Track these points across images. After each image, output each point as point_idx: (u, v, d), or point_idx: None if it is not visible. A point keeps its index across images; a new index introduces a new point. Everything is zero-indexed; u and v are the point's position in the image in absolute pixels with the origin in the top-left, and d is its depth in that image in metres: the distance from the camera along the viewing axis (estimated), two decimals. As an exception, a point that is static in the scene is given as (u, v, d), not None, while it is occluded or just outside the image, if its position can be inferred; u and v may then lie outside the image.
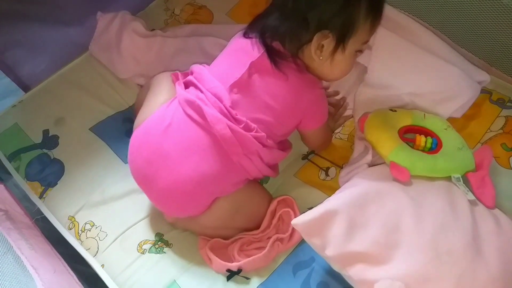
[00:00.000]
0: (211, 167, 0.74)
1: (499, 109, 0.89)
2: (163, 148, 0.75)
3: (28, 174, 0.96)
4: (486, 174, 0.76)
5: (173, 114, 0.77)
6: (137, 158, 0.79)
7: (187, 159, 0.74)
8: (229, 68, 0.78)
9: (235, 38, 0.82)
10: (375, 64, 0.93)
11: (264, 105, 0.76)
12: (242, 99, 0.76)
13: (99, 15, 1.15)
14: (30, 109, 1.06)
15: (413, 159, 0.77)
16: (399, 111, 0.86)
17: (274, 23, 0.75)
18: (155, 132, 0.77)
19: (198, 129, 0.75)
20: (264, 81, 0.76)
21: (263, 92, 0.76)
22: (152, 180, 0.77)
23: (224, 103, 0.74)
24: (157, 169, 0.75)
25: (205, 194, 0.77)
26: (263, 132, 0.76)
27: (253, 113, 0.75)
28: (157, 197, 0.80)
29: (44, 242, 0.87)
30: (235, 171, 0.77)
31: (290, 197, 0.84)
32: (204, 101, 0.75)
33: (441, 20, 0.95)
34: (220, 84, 0.76)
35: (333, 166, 0.90)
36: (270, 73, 0.75)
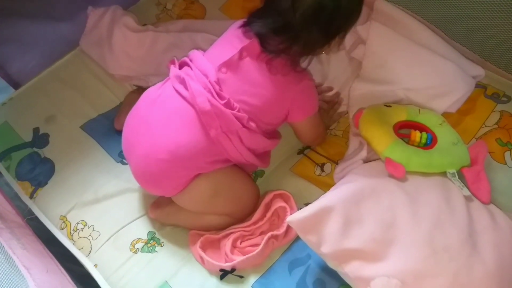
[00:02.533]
0: (186, 137, 0.76)
1: (494, 104, 0.89)
2: (149, 117, 0.78)
3: (18, 173, 0.95)
4: (481, 169, 0.76)
5: (163, 89, 0.81)
6: (126, 130, 0.82)
7: (165, 128, 0.77)
8: (220, 51, 0.80)
9: (230, 28, 0.84)
10: (370, 59, 0.92)
11: (251, 88, 0.76)
12: (230, 79, 0.77)
13: (89, 10, 1.13)
14: (20, 107, 1.05)
15: (408, 154, 0.76)
16: (393, 107, 0.86)
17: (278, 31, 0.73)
18: (144, 104, 0.81)
19: (182, 101, 0.77)
20: (253, 66, 0.76)
21: (251, 76, 0.76)
22: (133, 147, 0.80)
23: (209, 79, 0.76)
24: (140, 136, 0.79)
25: (180, 167, 0.76)
26: (245, 114, 0.76)
27: (238, 95, 0.76)
28: (135, 166, 0.81)
29: (36, 242, 0.86)
30: (213, 148, 0.77)
31: (287, 193, 0.83)
32: (191, 76, 0.78)
33: (436, 14, 0.94)
34: (210, 64, 0.78)
35: (329, 162, 0.90)
36: (260, 59, 0.76)
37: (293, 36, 0.72)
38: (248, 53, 0.77)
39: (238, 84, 0.76)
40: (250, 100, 0.76)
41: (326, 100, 0.97)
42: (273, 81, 0.76)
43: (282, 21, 0.72)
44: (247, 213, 0.84)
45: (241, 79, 0.76)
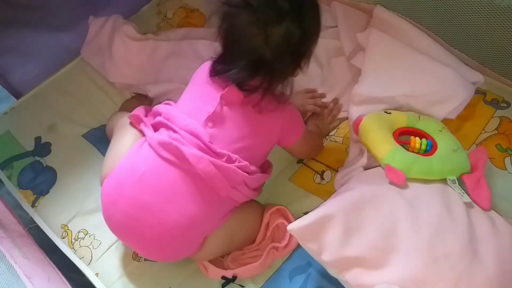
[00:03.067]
0: (198, 207, 0.72)
1: (493, 110, 0.89)
2: (142, 199, 0.71)
3: (20, 182, 0.95)
4: (482, 175, 0.76)
5: (146, 160, 0.73)
6: (114, 214, 0.74)
7: (171, 205, 0.71)
8: (198, 103, 0.76)
9: (196, 77, 0.80)
10: (369, 66, 0.92)
11: (241, 133, 0.74)
12: (219, 132, 0.73)
13: (91, 20, 1.14)
14: (22, 116, 1.05)
15: (408, 161, 0.76)
16: (393, 113, 0.86)
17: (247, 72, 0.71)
18: (129, 183, 0.72)
19: (177, 171, 0.71)
20: (236, 111, 0.74)
21: (238, 121, 0.74)
22: (137, 235, 0.73)
23: (202, 139, 0.72)
24: (141, 222, 0.72)
25: (196, 235, 0.74)
26: (245, 161, 0.74)
27: (231, 144, 0.73)
28: (146, 250, 0.77)
29: (37, 251, 0.86)
30: (223, 204, 0.75)
31: (283, 207, 0.83)
32: (180, 140, 0.71)
33: (435, 21, 0.95)
34: (194, 121, 0.73)
35: (328, 170, 0.90)
36: (240, 102, 0.74)
37: (269, 71, 0.71)
38: (229, 101, 0.74)
39: (228, 134, 0.74)
40: (244, 145, 0.75)
41: (318, 105, 0.97)
42: (260, 119, 0.75)
43: (255, 59, 0.70)
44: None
45: (230, 128, 0.74)
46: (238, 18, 0.69)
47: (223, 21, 0.71)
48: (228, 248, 0.80)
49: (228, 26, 0.70)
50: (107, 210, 0.76)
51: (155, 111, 0.80)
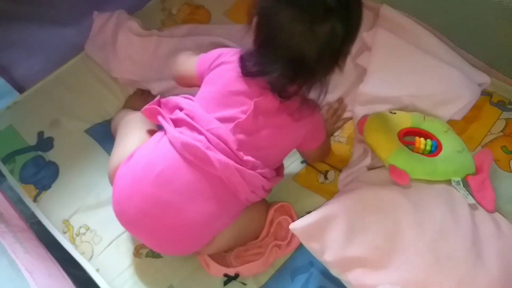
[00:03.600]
0: (215, 207, 0.71)
1: (499, 112, 0.88)
2: (161, 197, 0.70)
3: (22, 176, 0.95)
4: (486, 177, 0.76)
5: (165, 157, 0.71)
6: (129, 209, 0.72)
7: (189, 204, 0.70)
8: (227, 105, 0.72)
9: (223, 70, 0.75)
10: (375, 66, 0.92)
11: (269, 142, 0.73)
12: (247, 139, 0.71)
13: (95, 15, 1.14)
14: (25, 111, 1.05)
15: (413, 162, 0.76)
16: (398, 114, 0.85)
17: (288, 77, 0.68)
18: (147, 180, 0.70)
19: (197, 171, 0.70)
20: (269, 120, 0.71)
21: (268, 130, 0.72)
22: (152, 231, 0.73)
23: (230, 145, 0.69)
24: (158, 219, 0.71)
25: (209, 232, 0.74)
26: (266, 167, 0.74)
27: (257, 151, 0.72)
28: (158, 245, 0.77)
29: (38, 246, 0.86)
30: (238, 204, 0.75)
31: (287, 203, 0.83)
32: (207, 144, 0.69)
33: (441, 21, 0.94)
34: (222, 125, 0.70)
35: (332, 169, 0.89)
36: (274, 110, 0.71)
37: (310, 73, 0.68)
38: (263, 108, 0.70)
39: (257, 142, 0.72)
40: (266, 152, 0.73)
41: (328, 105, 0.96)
42: (291, 127, 0.73)
43: (297, 60, 0.66)
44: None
45: (259, 137, 0.72)
46: (281, 14, 0.64)
47: (262, 16, 0.67)
48: (236, 242, 0.79)
49: (267, 21, 0.67)
50: (120, 204, 0.74)
51: (175, 104, 0.76)
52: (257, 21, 0.68)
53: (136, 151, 0.75)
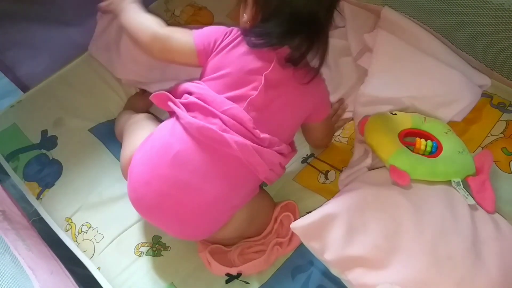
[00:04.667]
0: (236, 186, 0.72)
1: (499, 113, 0.88)
2: (179, 178, 0.69)
3: (26, 174, 0.96)
4: (487, 178, 0.76)
5: (180, 140, 0.71)
6: (148, 194, 0.71)
7: (208, 183, 0.70)
8: (238, 84, 0.72)
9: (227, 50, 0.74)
10: (376, 67, 0.92)
11: (283, 115, 0.74)
12: (262, 116, 0.71)
13: (99, 16, 1.14)
14: (28, 110, 1.06)
15: (413, 163, 0.76)
16: (399, 114, 0.86)
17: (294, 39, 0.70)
18: (163, 162, 0.70)
19: (215, 153, 0.70)
20: (278, 91, 0.72)
21: (281, 102, 0.72)
22: (173, 213, 0.72)
23: (246, 125, 0.69)
24: (178, 200, 0.70)
25: (228, 211, 0.74)
26: (282, 143, 0.74)
27: (272, 126, 0.72)
28: (179, 228, 0.75)
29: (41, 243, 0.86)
30: (255, 184, 0.76)
31: (293, 202, 0.83)
32: (222, 127, 0.69)
33: (442, 23, 0.95)
34: (235, 104, 0.70)
35: (333, 170, 0.90)
36: (283, 81, 0.72)
37: (318, 34, 0.69)
38: (272, 80, 0.71)
39: (271, 117, 0.72)
40: (284, 126, 0.74)
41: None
42: (300, 98, 0.74)
43: (307, 21, 0.67)
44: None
45: (273, 111, 0.72)
46: None
47: None
48: (247, 229, 0.79)
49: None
50: (138, 190, 0.73)
51: (183, 89, 0.75)
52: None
53: (148, 138, 0.75)
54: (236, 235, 0.80)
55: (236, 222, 0.76)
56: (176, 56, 0.78)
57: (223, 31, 0.76)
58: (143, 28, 0.79)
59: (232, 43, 0.74)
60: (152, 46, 0.78)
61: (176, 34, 0.77)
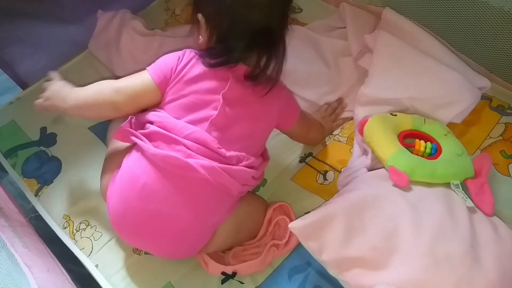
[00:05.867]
0: (210, 206, 0.72)
1: (499, 116, 0.89)
2: (150, 209, 0.69)
3: (25, 171, 0.96)
4: (485, 181, 0.76)
5: (145, 171, 0.70)
6: (125, 227, 0.74)
7: (182, 210, 0.70)
8: (197, 106, 0.71)
9: (185, 74, 0.73)
10: (376, 68, 0.92)
11: (246, 129, 0.73)
12: (225, 134, 0.71)
13: (99, 13, 1.15)
14: (28, 107, 1.05)
15: (413, 164, 0.76)
16: (399, 116, 0.86)
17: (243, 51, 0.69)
18: (132, 195, 0.70)
19: (182, 178, 0.69)
20: (239, 108, 0.71)
21: (242, 117, 0.72)
22: (151, 241, 0.74)
23: (210, 146, 0.69)
24: (152, 229, 0.71)
25: (208, 230, 0.75)
26: (251, 157, 0.73)
27: (238, 142, 0.72)
28: (163, 252, 0.77)
29: (38, 241, 0.86)
30: (230, 197, 0.75)
31: (286, 203, 0.83)
32: (187, 152, 0.68)
33: (442, 26, 0.95)
34: (196, 127, 0.69)
35: (331, 170, 0.89)
36: (241, 97, 0.71)
37: (274, 45, 0.69)
38: (231, 97, 0.70)
39: (235, 133, 0.72)
40: (249, 140, 0.74)
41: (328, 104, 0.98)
42: (261, 107, 0.73)
43: (262, 34, 0.67)
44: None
45: (235, 127, 0.71)
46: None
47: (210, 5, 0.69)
48: (236, 239, 0.79)
49: (219, 7, 0.67)
50: (116, 223, 0.75)
51: (144, 118, 0.74)
52: (211, 12, 0.69)
53: (120, 168, 0.74)
54: (226, 246, 0.80)
55: (221, 236, 0.76)
56: (142, 98, 0.75)
57: (176, 57, 0.75)
58: (100, 93, 0.75)
59: (187, 66, 0.73)
60: (118, 102, 0.74)
61: (132, 78, 0.75)
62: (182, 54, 0.75)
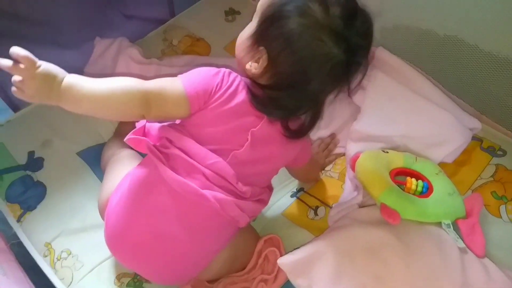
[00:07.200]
0: (214, 235, 0.71)
1: (489, 157, 0.89)
2: (155, 228, 0.68)
3: (8, 195, 0.93)
4: (476, 222, 0.76)
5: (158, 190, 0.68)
6: (123, 243, 0.71)
7: (187, 234, 0.68)
8: (225, 137, 0.68)
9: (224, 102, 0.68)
10: (369, 105, 0.93)
11: (264, 169, 0.73)
12: (243, 168, 0.69)
13: (97, 40, 1.16)
14: (17, 130, 1.04)
15: (404, 202, 0.76)
16: (391, 153, 0.86)
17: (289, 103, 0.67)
18: (139, 212, 0.68)
19: (193, 204, 0.67)
20: (264, 147, 0.70)
21: (263, 157, 0.71)
22: (150, 262, 0.71)
23: (229, 180, 0.67)
24: (154, 250, 0.69)
25: (207, 257, 0.73)
26: (262, 190, 0.74)
27: (253, 177, 0.71)
28: (158, 275, 0.74)
29: (17, 268, 0.83)
30: (235, 228, 0.74)
31: (277, 236, 0.81)
32: (205, 183, 0.66)
33: (435, 67, 0.97)
34: (219, 158, 0.67)
35: (323, 206, 0.88)
36: (268, 137, 0.70)
37: (319, 104, 0.68)
38: (257, 137, 0.68)
39: (254, 169, 0.71)
40: (262, 177, 0.74)
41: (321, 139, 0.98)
42: (283, 152, 0.73)
43: (317, 96, 0.66)
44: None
45: (256, 163, 0.70)
46: (314, 44, 0.61)
47: (286, 43, 0.62)
48: (230, 268, 0.77)
49: (297, 52, 0.62)
50: (114, 238, 0.72)
51: (162, 133, 0.70)
52: (276, 47, 0.63)
53: (126, 181, 0.72)
54: (219, 275, 0.78)
55: (218, 264, 0.75)
56: (171, 108, 0.67)
57: (217, 77, 0.68)
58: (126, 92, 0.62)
59: (228, 91, 0.67)
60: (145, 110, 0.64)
61: (164, 82, 0.66)
62: (223, 75, 0.69)
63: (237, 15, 1.30)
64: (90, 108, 0.62)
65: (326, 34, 0.61)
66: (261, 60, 0.65)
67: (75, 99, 0.61)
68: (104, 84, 0.61)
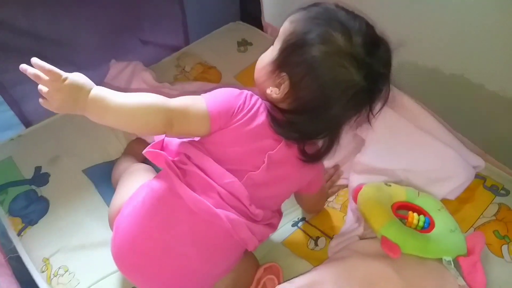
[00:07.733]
0: (223, 257, 0.71)
1: (492, 196, 0.89)
2: (165, 241, 0.67)
3: (11, 209, 0.94)
4: (478, 260, 0.74)
5: (172, 204, 0.68)
6: (131, 253, 0.69)
7: (197, 252, 0.67)
8: (242, 159, 0.69)
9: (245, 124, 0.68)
10: (373, 138, 0.94)
11: (278, 191, 0.73)
12: (257, 191, 0.69)
13: (112, 62, 1.19)
14: (27, 145, 1.06)
15: (405, 236, 0.75)
16: (393, 186, 0.86)
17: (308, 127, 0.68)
18: (151, 224, 0.68)
19: (205, 222, 0.67)
20: (279, 170, 0.70)
21: (277, 181, 0.71)
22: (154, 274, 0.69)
23: (243, 201, 0.67)
24: (160, 262, 0.68)
25: (211, 279, 0.73)
26: (273, 214, 0.74)
27: (266, 200, 0.72)
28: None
29: (13, 283, 0.83)
30: (240, 253, 0.74)
31: (277, 265, 0.81)
32: (219, 202, 0.67)
33: (440, 105, 0.98)
34: (235, 178, 0.67)
35: (323, 236, 0.88)
36: (285, 160, 0.70)
37: (338, 130, 0.69)
38: (274, 160, 0.69)
39: (268, 192, 0.71)
40: (277, 199, 0.74)
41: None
42: (298, 176, 0.74)
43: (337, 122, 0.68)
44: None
45: (270, 187, 0.71)
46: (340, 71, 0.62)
47: (308, 69, 0.63)
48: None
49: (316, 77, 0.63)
50: (122, 247, 0.70)
51: (180, 148, 0.70)
52: (303, 74, 0.64)
53: (140, 193, 0.72)
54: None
55: (222, 285, 0.74)
56: (192, 126, 0.67)
57: (239, 98, 0.69)
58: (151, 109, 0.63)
59: (249, 114, 0.68)
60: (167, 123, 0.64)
61: (188, 100, 0.67)
62: (245, 97, 0.69)
63: (249, 46, 1.34)
64: (114, 121, 0.63)
65: (348, 61, 0.62)
66: (283, 85, 0.66)
67: (100, 111, 0.62)
68: (130, 99, 0.62)
